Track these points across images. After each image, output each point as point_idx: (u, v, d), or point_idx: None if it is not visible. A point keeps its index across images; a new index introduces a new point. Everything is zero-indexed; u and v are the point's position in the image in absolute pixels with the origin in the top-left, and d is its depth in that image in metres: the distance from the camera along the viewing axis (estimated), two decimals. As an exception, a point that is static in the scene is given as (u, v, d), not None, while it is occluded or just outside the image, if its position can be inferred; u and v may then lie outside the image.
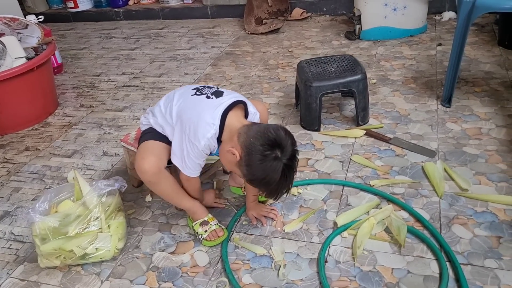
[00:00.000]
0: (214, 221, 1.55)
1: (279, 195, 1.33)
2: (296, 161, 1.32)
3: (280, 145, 1.26)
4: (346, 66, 2.10)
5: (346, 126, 2.11)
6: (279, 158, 1.25)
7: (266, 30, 3.44)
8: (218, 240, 1.51)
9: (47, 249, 1.42)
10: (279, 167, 1.25)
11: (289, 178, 1.30)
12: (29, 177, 2.04)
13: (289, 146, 1.28)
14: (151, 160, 1.40)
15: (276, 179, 1.26)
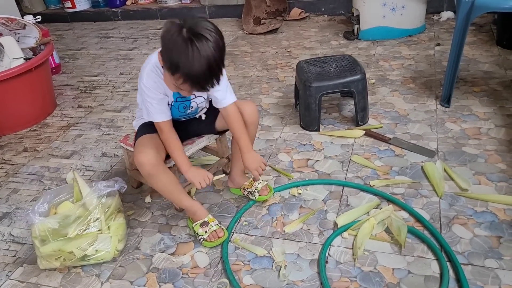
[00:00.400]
0: (215, 222, 1.55)
1: (200, 79, 1.24)
2: (205, 39, 1.20)
3: (185, 24, 1.21)
4: (345, 66, 2.10)
5: (346, 127, 2.11)
6: (181, 32, 1.20)
7: (264, 30, 3.44)
8: (219, 241, 1.51)
9: (46, 251, 1.42)
10: (180, 38, 1.19)
11: (195, 52, 1.19)
12: (28, 178, 2.03)
13: (195, 24, 1.22)
14: (149, 153, 1.41)
15: (181, 52, 1.19)
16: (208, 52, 1.21)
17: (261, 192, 1.65)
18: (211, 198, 1.75)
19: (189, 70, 1.22)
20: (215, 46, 1.22)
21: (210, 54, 1.21)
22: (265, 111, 2.33)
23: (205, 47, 1.20)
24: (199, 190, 1.79)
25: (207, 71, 1.23)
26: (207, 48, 1.20)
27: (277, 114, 2.29)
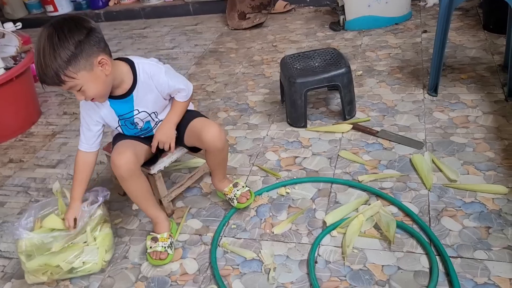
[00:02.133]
0: (165, 243, 1.49)
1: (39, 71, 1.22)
2: (57, 34, 1.19)
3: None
4: (330, 60, 2.08)
5: (333, 121, 2.09)
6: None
7: (249, 25, 3.40)
8: (159, 262, 1.47)
9: (33, 266, 1.40)
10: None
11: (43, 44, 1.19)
12: (14, 190, 2.01)
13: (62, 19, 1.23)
14: (128, 156, 1.39)
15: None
16: (39, 43, 1.20)
17: (239, 199, 1.60)
18: (199, 202, 1.73)
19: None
20: (47, 37, 1.18)
21: (39, 45, 1.19)
22: (252, 109, 2.31)
23: (39, 39, 1.20)
24: (185, 194, 1.77)
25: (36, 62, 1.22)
26: (40, 39, 1.20)
27: (264, 112, 2.26)
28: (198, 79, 2.75)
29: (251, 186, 1.75)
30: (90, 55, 1.23)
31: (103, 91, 1.32)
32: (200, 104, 2.45)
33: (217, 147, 1.47)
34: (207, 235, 1.57)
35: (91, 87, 1.27)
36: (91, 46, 1.23)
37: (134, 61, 1.40)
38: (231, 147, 2.02)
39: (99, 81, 1.28)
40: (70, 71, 1.21)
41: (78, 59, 1.21)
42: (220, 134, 1.46)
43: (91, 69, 1.25)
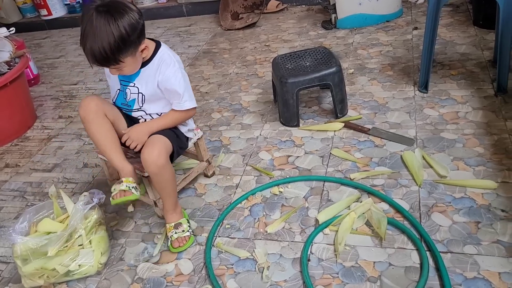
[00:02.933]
0: (130, 184, 1.48)
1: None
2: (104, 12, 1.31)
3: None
4: (320, 59, 2.09)
5: (325, 120, 2.11)
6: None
7: (242, 25, 3.41)
8: (124, 199, 1.46)
9: (29, 270, 1.42)
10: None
11: (87, 20, 1.32)
12: (10, 195, 2.02)
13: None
14: (93, 100, 1.50)
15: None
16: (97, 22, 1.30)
17: (173, 242, 1.53)
18: (193, 203, 1.75)
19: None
20: (107, 23, 1.29)
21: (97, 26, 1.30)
22: (245, 109, 2.33)
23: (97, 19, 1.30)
24: (180, 195, 1.79)
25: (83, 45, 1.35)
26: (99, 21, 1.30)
27: (257, 112, 2.28)
28: (192, 80, 2.77)
29: (245, 186, 1.78)
30: (138, 43, 1.38)
31: (135, 70, 1.48)
32: (194, 105, 2.46)
33: (149, 169, 1.45)
34: (201, 236, 1.59)
35: (129, 68, 1.44)
36: (139, 36, 1.37)
37: (162, 46, 1.52)
38: (225, 147, 2.04)
39: (137, 63, 1.45)
40: (120, 57, 1.35)
41: (129, 47, 1.35)
42: (155, 159, 1.42)
43: (135, 55, 1.40)
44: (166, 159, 1.46)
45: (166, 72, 1.47)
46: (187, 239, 1.54)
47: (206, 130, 2.19)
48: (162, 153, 1.44)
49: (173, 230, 1.55)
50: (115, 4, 1.33)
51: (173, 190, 1.55)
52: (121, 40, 1.31)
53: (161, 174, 1.47)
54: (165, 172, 1.47)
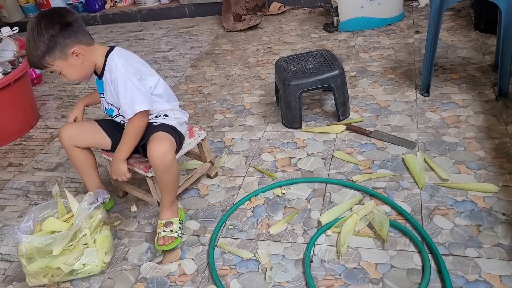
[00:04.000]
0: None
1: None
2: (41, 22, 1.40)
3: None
4: (323, 62, 2.11)
5: (328, 122, 2.12)
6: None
7: (245, 26, 3.43)
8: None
9: (33, 269, 1.42)
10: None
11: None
12: (14, 194, 2.03)
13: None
14: (70, 130, 1.65)
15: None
16: (26, 33, 1.42)
17: (159, 240, 1.54)
18: (196, 204, 1.76)
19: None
20: (30, 29, 1.40)
21: (26, 36, 1.41)
22: (248, 110, 2.34)
23: (27, 29, 1.42)
24: (183, 196, 1.80)
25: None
26: (27, 30, 1.41)
27: (260, 113, 2.30)
28: (195, 81, 2.78)
29: (248, 187, 1.79)
30: (64, 47, 1.42)
31: (82, 75, 1.52)
32: (196, 106, 2.48)
33: (156, 164, 1.46)
34: (204, 236, 1.60)
35: (69, 72, 1.49)
36: (64, 39, 1.41)
37: (111, 52, 1.52)
38: (227, 148, 2.05)
39: (76, 67, 1.48)
40: (48, 60, 1.43)
41: (53, 51, 1.41)
42: (163, 155, 1.44)
43: (66, 59, 1.44)
44: (173, 156, 1.49)
45: (114, 80, 1.49)
46: (173, 239, 1.54)
47: (208, 131, 2.21)
48: (169, 150, 1.47)
49: (162, 227, 1.57)
50: (48, 11, 1.44)
51: (174, 187, 1.58)
52: (42, 46, 1.39)
53: (167, 171, 1.49)
54: (171, 170, 1.50)
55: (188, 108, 2.47)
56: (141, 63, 1.58)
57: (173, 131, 1.58)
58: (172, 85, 2.78)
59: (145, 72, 1.55)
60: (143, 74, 1.54)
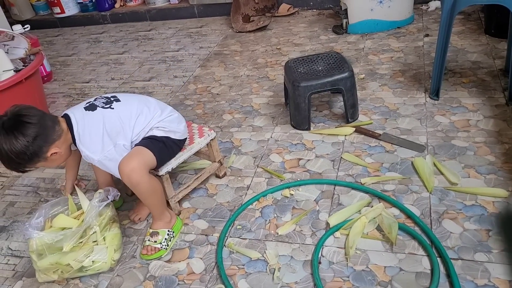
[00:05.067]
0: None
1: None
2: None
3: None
4: (333, 64, 2.11)
5: (336, 124, 2.13)
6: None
7: (253, 27, 3.44)
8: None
9: (44, 265, 1.44)
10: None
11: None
12: (24, 190, 2.05)
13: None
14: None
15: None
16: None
17: (143, 249, 1.56)
18: (205, 203, 1.77)
19: None
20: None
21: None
22: (256, 111, 2.35)
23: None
24: (192, 195, 1.81)
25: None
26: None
27: (268, 114, 2.30)
28: (203, 81, 2.79)
29: (256, 187, 1.79)
30: (40, 155, 1.39)
31: (63, 162, 1.52)
32: (205, 106, 2.49)
33: (124, 181, 1.46)
34: (213, 236, 1.61)
35: (52, 165, 1.49)
36: (40, 148, 1.37)
37: (75, 136, 1.45)
38: (236, 149, 2.06)
39: (57, 160, 1.47)
40: (28, 166, 1.42)
41: (30, 162, 1.39)
42: (128, 173, 1.42)
43: (45, 159, 1.42)
44: (140, 174, 1.44)
45: (90, 161, 1.47)
46: (156, 250, 1.54)
47: (217, 131, 2.21)
48: (136, 168, 1.43)
49: (148, 236, 1.58)
50: (10, 120, 1.35)
51: (154, 201, 1.54)
52: (17, 162, 1.38)
53: (137, 188, 1.47)
54: (142, 186, 1.46)
55: (197, 108, 2.48)
56: (106, 133, 1.46)
57: (158, 142, 1.54)
58: (181, 85, 2.79)
59: (116, 136, 1.48)
60: (116, 135, 1.48)
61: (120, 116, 1.50)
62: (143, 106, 1.56)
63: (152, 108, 1.57)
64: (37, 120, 1.36)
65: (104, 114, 1.49)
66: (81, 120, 1.46)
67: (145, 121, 1.54)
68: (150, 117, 1.55)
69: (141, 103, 1.57)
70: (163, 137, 1.56)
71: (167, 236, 1.57)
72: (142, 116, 1.54)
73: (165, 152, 1.57)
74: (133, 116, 1.52)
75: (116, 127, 1.48)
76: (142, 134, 1.55)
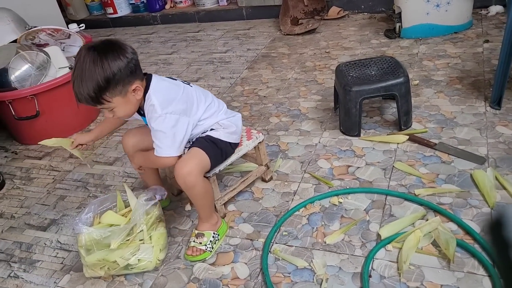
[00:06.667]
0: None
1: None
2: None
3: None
4: (387, 69, 2.03)
5: (388, 131, 2.04)
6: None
7: (302, 30, 3.39)
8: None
9: (91, 260, 1.45)
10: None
11: (77, 60, 1.32)
12: (74, 185, 2.10)
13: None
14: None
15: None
16: (81, 63, 1.29)
17: (187, 249, 1.55)
18: (250, 207, 1.74)
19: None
20: (91, 61, 1.28)
21: (81, 66, 1.29)
22: (304, 115, 2.30)
23: (80, 59, 1.31)
24: (237, 198, 1.78)
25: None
26: (82, 60, 1.30)
27: (316, 119, 2.25)
28: (250, 83, 2.77)
29: (303, 193, 1.75)
30: (127, 83, 1.33)
31: (131, 112, 1.43)
32: (252, 108, 2.46)
33: (179, 183, 1.44)
34: (258, 241, 1.57)
35: (121, 109, 1.39)
36: (128, 75, 1.32)
37: (149, 88, 1.41)
38: (283, 153, 2.02)
39: (129, 104, 1.39)
40: (107, 96, 1.32)
41: (116, 87, 1.31)
42: (184, 175, 1.41)
43: (125, 95, 1.35)
44: (196, 177, 1.43)
45: (150, 118, 1.42)
46: (200, 252, 1.52)
47: (264, 134, 2.18)
48: (191, 171, 1.42)
49: (193, 237, 1.56)
50: (104, 44, 1.32)
51: (204, 204, 1.53)
52: (106, 81, 1.28)
53: (190, 191, 1.47)
54: (195, 189, 1.46)
55: (243, 110, 2.46)
56: (180, 98, 1.44)
57: (213, 145, 1.52)
58: (228, 86, 2.78)
59: (185, 108, 1.45)
60: (183, 112, 1.44)
61: (196, 93, 1.52)
62: (213, 97, 1.60)
63: (218, 103, 1.61)
64: (131, 50, 1.35)
65: (184, 86, 1.51)
66: (161, 78, 1.47)
67: (213, 112, 1.56)
68: (218, 110, 1.58)
69: (211, 95, 1.61)
70: (221, 141, 1.55)
71: (212, 239, 1.55)
72: (213, 105, 1.57)
73: (219, 157, 1.56)
74: (207, 101, 1.55)
75: (191, 100, 1.48)
76: (205, 125, 1.54)
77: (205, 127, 1.55)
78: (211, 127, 1.56)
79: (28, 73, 2.34)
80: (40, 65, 2.37)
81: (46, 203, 2.00)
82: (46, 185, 2.13)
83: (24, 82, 2.33)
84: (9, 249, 1.76)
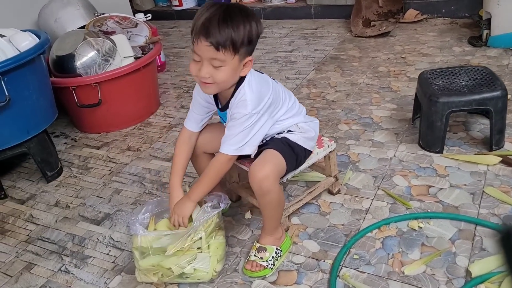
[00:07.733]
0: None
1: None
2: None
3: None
4: (480, 80, 1.80)
5: (475, 150, 1.81)
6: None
7: (375, 33, 3.17)
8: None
9: (145, 265, 1.35)
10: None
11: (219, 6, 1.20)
12: (130, 179, 2.03)
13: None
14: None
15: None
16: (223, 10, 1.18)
17: (246, 264, 1.41)
18: (316, 222, 1.58)
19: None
20: (239, 12, 1.19)
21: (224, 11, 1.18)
22: (377, 124, 2.10)
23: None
24: (302, 211, 1.62)
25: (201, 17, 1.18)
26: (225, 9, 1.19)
27: (391, 129, 2.05)
28: (318, 85, 2.61)
29: (376, 213, 1.56)
30: (250, 52, 1.24)
31: (226, 83, 1.27)
32: (319, 113, 2.30)
33: (253, 188, 1.31)
34: (325, 262, 1.41)
35: (227, 74, 1.22)
36: (253, 46, 1.24)
37: (245, 82, 1.29)
38: (353, 164, 1.84)
39: (235, 74, 1.25)
40: (240, 50, 1.20)
41: (248, 46, 1.22)
42: (260, 180, 1.28)
43: (238, 62, 1.22)
44: (273, 182, 1.30)
45: (234, 113, 1.29)
46: (261, 268, 1.38)
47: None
48: (268, 176, 1.28)
49: (255, 251, 1.42)
50: (246, 8, 1.26)
51: (274, 215, 1.38)
52: (256, 36, 1.22)
53: (264, 197, 1.32)
54: (269, 196, 1.31)
55: (310, 114, 2.29)
56: (270, 96, 1.32)
57: (290, 149, 1.38)
58: (293, 88, 2.63)
59: (272, 108, 1.33)
60: (271, 109, 1.33)
61: (282, 92, 1.41)
62: (295, 99, 1.48)
63: (299, 105, 1.48)
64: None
65: (272, 82, 1.38)
66: (256, 73, 1.35)
67: (294, 113, 1.43)
68: (298, 112, 1.45)
69: (294, 96, 1.48)
70: (298, 146, 1.41)
71: (275, 255, 1.41)
72: (294, 106, 1.44)
73: (294, 163, 1.42)
74: (290, 101, 1.43)
75: (277, 99, 1.36)
76: (283, 125, 1.41)
77: (282, 127, 1.41)
78: (288, 129, 1.42)
79: (94, 61, 2.30)
80: (106, 53, 2.33)
81: (101, 195, 1.94)
82: (102, 177, 2.08)
83: (89, 69, 2.29)
84: (62, 240, 1.71)
